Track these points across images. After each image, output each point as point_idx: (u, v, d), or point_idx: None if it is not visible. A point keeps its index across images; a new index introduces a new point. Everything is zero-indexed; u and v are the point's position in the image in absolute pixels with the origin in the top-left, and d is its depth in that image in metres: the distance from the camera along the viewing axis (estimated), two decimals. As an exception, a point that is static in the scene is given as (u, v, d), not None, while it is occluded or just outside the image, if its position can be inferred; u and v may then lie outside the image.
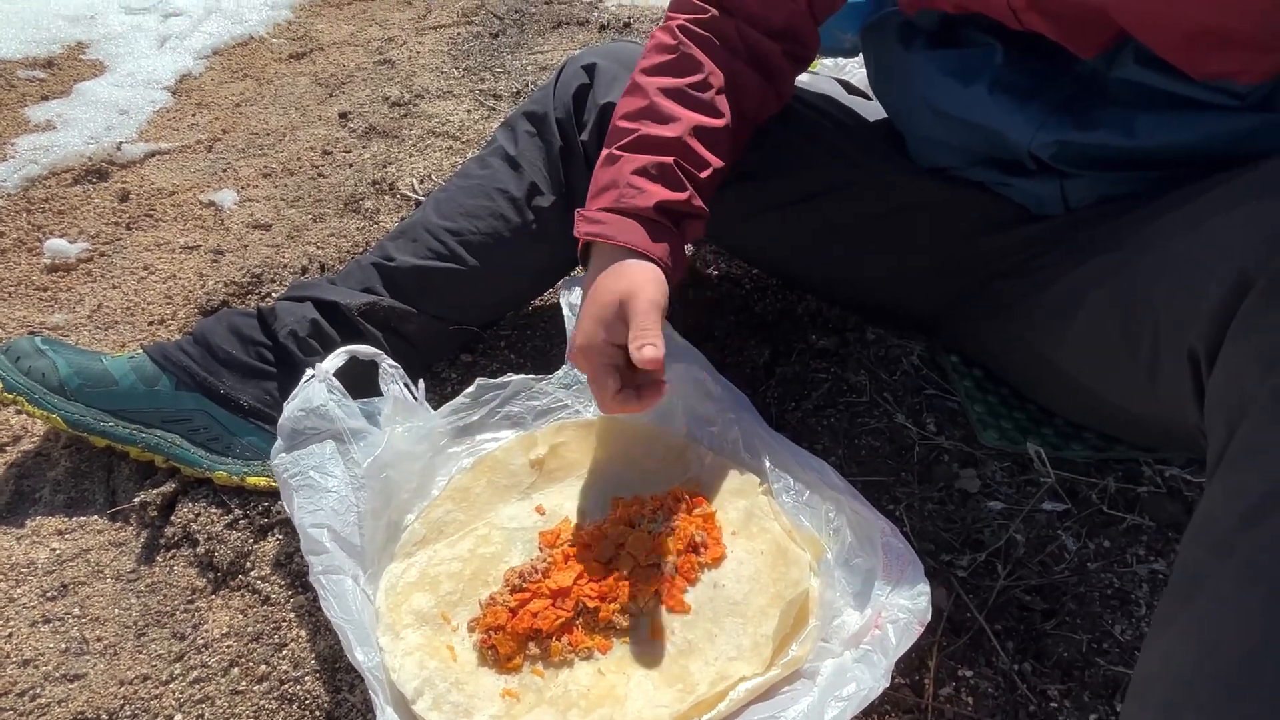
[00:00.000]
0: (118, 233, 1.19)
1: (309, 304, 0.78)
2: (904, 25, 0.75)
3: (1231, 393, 0.40)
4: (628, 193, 0.66)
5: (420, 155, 1.39)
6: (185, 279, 1.09)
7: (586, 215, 0.67)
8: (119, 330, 0.99)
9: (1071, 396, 0.72)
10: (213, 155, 1.42)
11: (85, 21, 1.91)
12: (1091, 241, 0.63)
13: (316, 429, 0.68)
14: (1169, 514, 0.73)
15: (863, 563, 0.62)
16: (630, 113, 0.70)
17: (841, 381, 0.88)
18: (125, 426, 0.75)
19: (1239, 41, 0.54)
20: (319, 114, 1.57)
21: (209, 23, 1.98)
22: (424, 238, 0.82)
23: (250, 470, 0.75)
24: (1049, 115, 0.65)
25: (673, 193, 0.67)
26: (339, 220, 1.21)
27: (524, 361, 0.91)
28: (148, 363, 0.76)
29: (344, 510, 0.65)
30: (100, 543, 0.74)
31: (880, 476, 0.78)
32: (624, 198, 0.66)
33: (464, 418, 0.75)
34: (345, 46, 1.92)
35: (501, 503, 0.71)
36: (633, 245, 0.65)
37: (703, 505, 0.69)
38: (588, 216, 0.67)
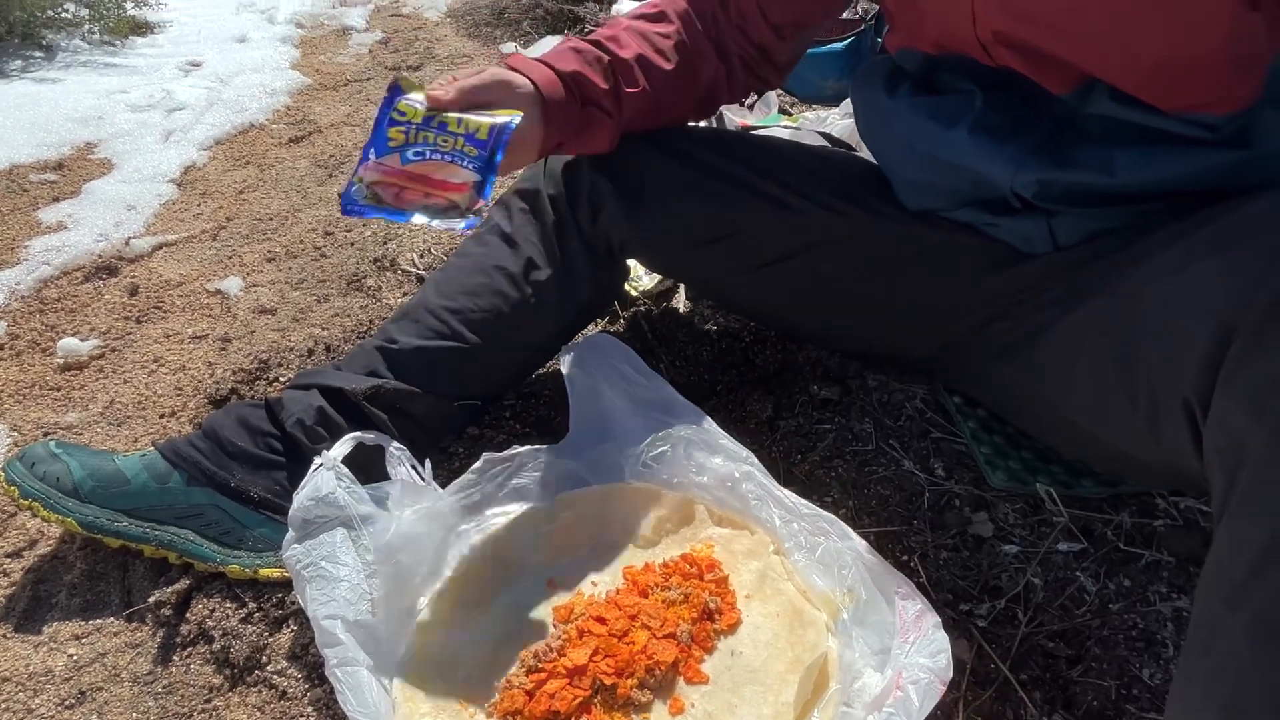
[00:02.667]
0: (128, 327, 1.22)
1: (314, 391, 0.80)
2: (889, 74, 0.77)
3: (1226, 442, 0.40)
4: (557, 57, 0.75)
5: (419, 231, 1.42)
6: (194, 369, 1.11)
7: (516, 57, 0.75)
8: (131, 425, 1.01)
9: (1076, 440, 0.72)
10: (218, 243, 1.46)
11: (93, 122, 1.98)
12: (1083, 285, 0.64)
13: (326, 517, 0.69)
14: (1188, 547, 0.72)
15: (880, 620, 0.61)
16: (592, 35, 0.79)
17: (846, 431, 0.88)
18: (139, 525, 0.75)
19: (1203, 72, 0.55)
20: (319, 195, 1.61)
21: (211, 114, 2.05)
22: (425, 318, 0.84)
23: (263, 562, 0.76)
24: (1028, 155, 0.66)
25: (595, 78, 0.74)
26: (342, 300, 1.24)
27: (529, 431, 0.92)
28: (159, 460, 0.77)
29: (356, 599, 0.65)
30: (117, 645, 0.74)
31: (892, 526, 0.77)
32: (554, 58, 0.74)
33: (471, 494, 0.76)
34: (343, 127, 1.98)
35: (513, 579, 0.71)
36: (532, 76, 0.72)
37: (715, 569, 0.69)
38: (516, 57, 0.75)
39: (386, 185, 0.67)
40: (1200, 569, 0.70)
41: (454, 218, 0.66)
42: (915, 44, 0.73)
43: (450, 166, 0.67)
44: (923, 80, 0.75)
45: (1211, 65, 0.55)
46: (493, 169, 0.67)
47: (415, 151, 0.67)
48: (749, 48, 0.82)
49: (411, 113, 0.68)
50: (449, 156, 0.67)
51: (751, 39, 0.82)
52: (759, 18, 0.80)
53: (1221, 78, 0.56)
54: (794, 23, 0.81)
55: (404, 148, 0.67)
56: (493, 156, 0.67)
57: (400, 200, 0.67)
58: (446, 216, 0.66)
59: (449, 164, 0.67)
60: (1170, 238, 0.55)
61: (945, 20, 0.66)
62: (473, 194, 0.66)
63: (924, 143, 0.73)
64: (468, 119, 0.68)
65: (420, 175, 0.66)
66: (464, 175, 0.66)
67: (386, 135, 0.67)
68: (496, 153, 0.67)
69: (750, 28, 0.81)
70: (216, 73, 2.35)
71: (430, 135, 0.67)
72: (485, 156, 0.67)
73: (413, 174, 0.66)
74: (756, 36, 0.82)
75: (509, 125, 0.68)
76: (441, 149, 0.67)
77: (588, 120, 0.76)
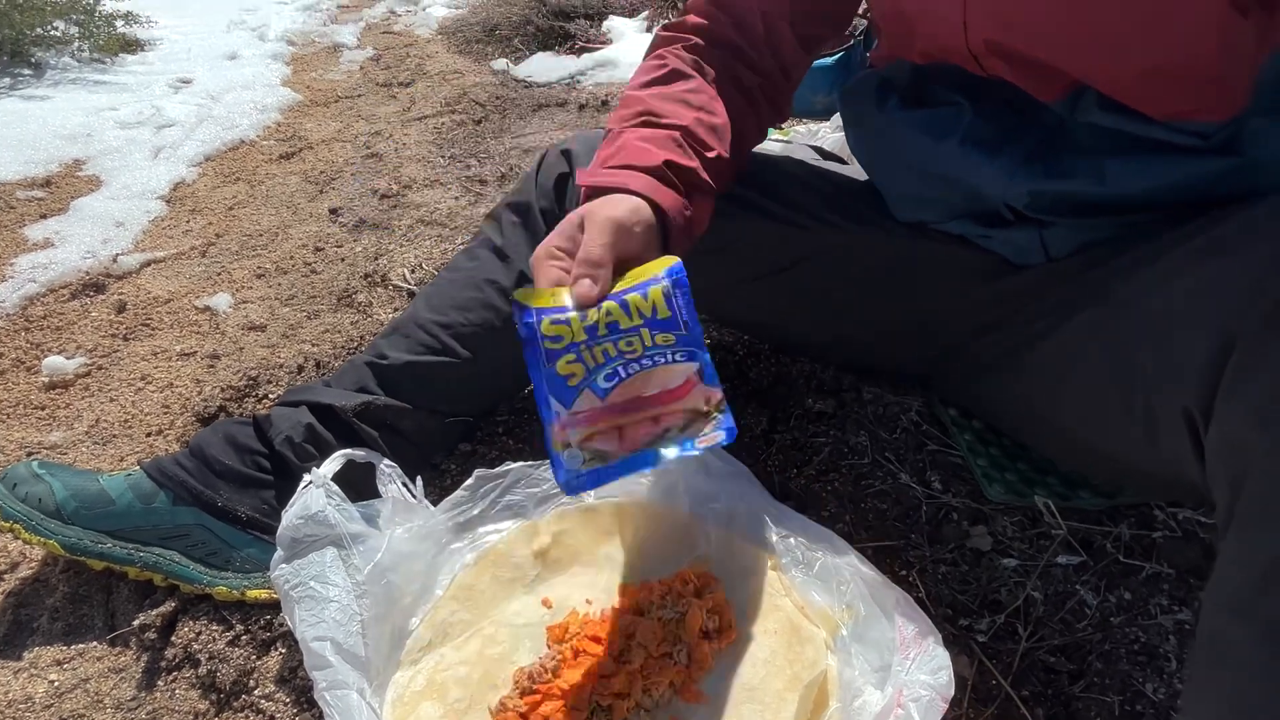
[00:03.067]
0: (115, 345, 1.20)
1: (303, 408, 0.78)
2: (878, 87, 0.77)
3: (1230, 452, 0.39)
4: (634, 153, 0.62)
5: (410, 245, 1.41)
6: (182, 387, 1.09)
7: (590, 170, 0.63)
8: (117, 444, 0.99)
9: (1074, 451, 0.71)
10: (207, 260, 1.45)
11: (82, 139, 1.97)
12: (1076, 296, 0.64)
13: (316, 536, 0.68)
14: (1187, 559, 0.72)
15: (879, 636, 0.61)
16: (626, 115, 0.68)
17: (842, 444, 0.87)
18: (123, 546, 0.74)
19: (1193, 79, 0.55)
20: (310, 211, 1.61)
21: (201, 130, 2.04)
22: (416, 333, 0.83)
23: (251, 583, 0.74)
24: (1019, 165, 0.66)
25: (683, 158, 0.63)
26: (333, 316, 1.23)
27: (523, 447, 0.91)
28: (144, 479, 0.76)
29: (346, 620, 0.64)
30: (100, 670, 0.72)
31: (890, 541, 0.76)
32: (630, 157, 0.61)
33: (464, 511, 0.75)
34: (333, 143, 1.98)
35: (507, 598, 0.70)
36: (634, 189, 0.58)
37: (712, 586, 0.67)
38: (591, 171, 0.63)
39: (602, 434, 0.51)
40: (1201, 581, 0.70)
41: (704, 429, 0.51)
42: (903, 55, 0.73)
43: (656, 371, 0.52)
44: (911, 93, 0.75)
45: (1201, 72, 0.56)
46: (701, 343, 0.52)
47: (606, 376, 0.51)
48: (774, 72, 0.77)
49: (567, 332, 0.52)
50: (648, 361, 0.51)
51: (782, 59, 0.77)
52: (789, 33, 0.76)
53: (1211, 85, 0.56)
54: (817, 35, 0.78)
55: (589, 380, 0.51)
56: (690, 329, 0.52)
57: (629, 443, 0.52)
58: (691, 433, 0.51)
59: (654, 369, 0.52)
60: (1164, 246, 0.55)
61: (936, 31, 0.66)
62: (704, 386, 0.52)
63: (915, 156, 0.73)
64: (633, 300, 0.53)
65: (631, 400, 0.51)
66: (679, 371, 0.51)
67: (559, 375, 0.52)
68: (691, 321, 0.52)
69: (782, 47, 0.76)
70: (207, 89, 2.35)
71: (609, 347, 0.52)
72: (684, 335, 0.52)
73: (621, 404, 0.51)
74: (787, 56, 0.77)
75: (679, 278, 0.53)
76: (632, 356, 0.51)
77: (695, 209, 0.65)
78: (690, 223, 0.63)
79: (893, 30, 0.74)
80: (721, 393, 0.52)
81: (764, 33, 0.75)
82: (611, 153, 0.64)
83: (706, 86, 0.72)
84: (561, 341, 0.52)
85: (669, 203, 0.60)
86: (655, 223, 0.59)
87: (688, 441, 0.51)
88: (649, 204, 0.59)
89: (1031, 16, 0.58)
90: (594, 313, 0.52)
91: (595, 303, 0.52)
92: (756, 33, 0.75)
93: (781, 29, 0.75)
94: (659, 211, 0.60)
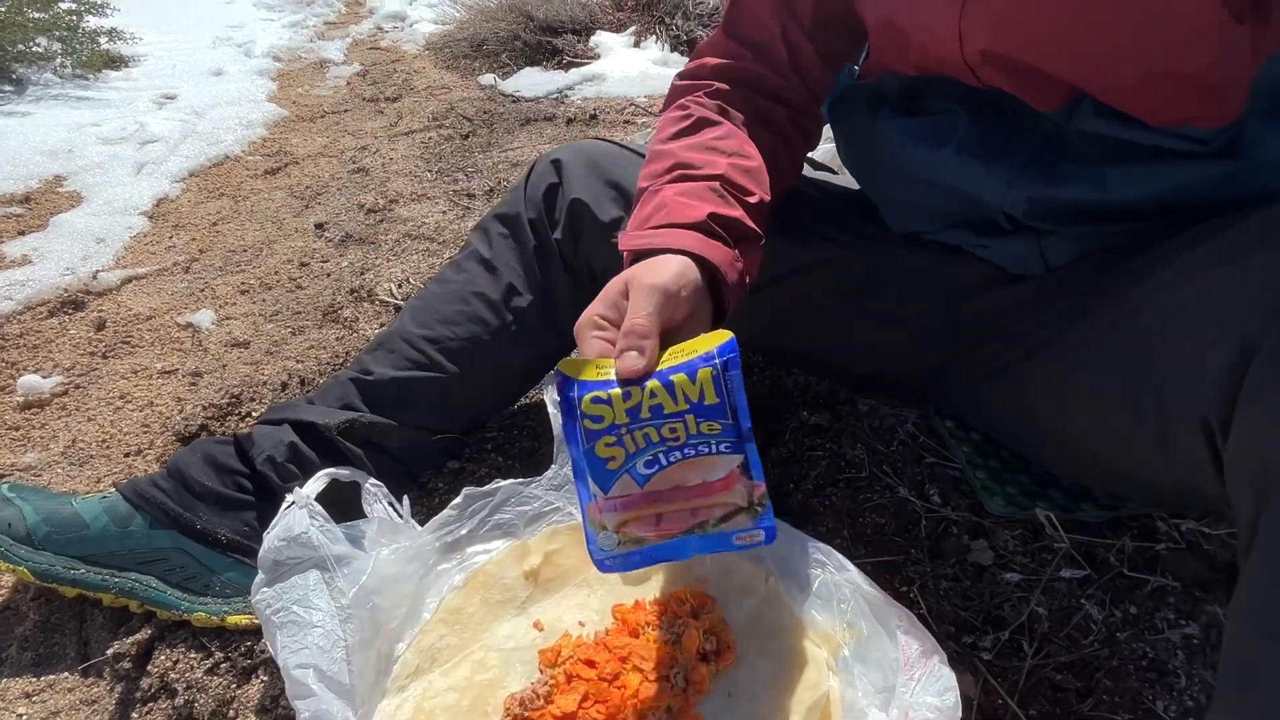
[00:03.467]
0: (94, 363, 1.17)
1: (286, 427, 0.76)
2: (870, 96, 0.76)
3: (1254, 461, 0.38)
4: (676, 210, 0.59)
5: (397, 259, 1.39)
6: (163, 405, 1.07)
7: (631, 233, 0.60)
8: (94, 465, 0.96)
9: (1077, 461, 0.70)
10: (190, 276, 1.42)
11: (63, 155, 1.94)
12: (1079, 304, 0.63)
13: (299, 558, 0.65)
14: (1192, 571, 0.71)
15: (882, 656, 0.59)
16: (657, 170, 0.66)
17: (839, 457, 0.86)
18: (97, 572, 0.71)
19: (1190, 85, 0.55)
20: (295, 226, 1.59)
21: (185, 146, 2.02)
22: (402, 348, 0.81)
23: (231, 608, 0.71)
24: (1017, 173, 0.65)
25: (725, 209, 0.60)
26: (318, 332, 1.20)
27: (512, 464, 0.89)
28: (120, 502, 0.73)
29: (330, 646, 0.61)
30: (71, 702, 0.69)
31: (889, 556, 0.75)
32: (671, 215, 0.59)
33: (452, 531, 0.72)
34: (320, 158, 1.96)
35: (497, 621, 0.67)
36: (680, 247, 0.56)
37: (709, 606, 0.65)
38: (633, 234, 0.60)
39: (638, 521, 0.50)
40: (1206, 594, 0.69)
41: (740, 525, 0.49)
42: (896, 68, 0.73)
43: (699, 461, 0.49)
44: (904, 103, 0.75)
45: (1198, 78, 0.55)
46: (749, 434, 0.49)
47: (646, 463, 0.49)
48: (802, 97, 0.76)
49: (609, 413, 0.49)
50: (690, 450, 0.49)
51: (809, 81, 0.76)
52: (812, 50, 0.74)
53: (1208, 90, 0.56)
54: (838, 52, 0.77)
55: (629, 465, 0.49)
56: (737, 417, 0.49)
57: (665, 531, 0.50)
58: (730, 526, 0.49)
59: (696, 459, 0.49)
60: (1173, 252, 0.54)
61: (931, 44, 0.65)
62: (748, 481, 0.49)
63: (910, 165, 0.72)
64: (679, 380, 0.49)
65: (671, 490, 0.49)
66: (722, 465, 0.49)
67: (598, 457, 0.49)
68: (740, 409, 0.49)
69: (807, 67, 0.75)
70: (191, 105, 2.33)
71: (650, 432, 0.49)
72: (730, 425, 0.49)
73: (660, 492, 0.49)
74: (813, 77, 0.75)
75: (731, 358, 0.49)
76: (675, 444, 0.49)
77: (745, 260, 0.62)
78: (742, 275, 0.60)
79: (885, 44, 0.73)
80: (764, 488, 0.50)
81: (788, 57, 0.74)
82: (650, 212, 0.61)
83: (736, 131, 0.70)
84: (602, 422, 0.49)
85: (719, 257, 0.57)
86: (702, 283, 0.56)
87: (725, 536, 0.49)
88: (696, 261, 0.56)
89: (1028, 26, 0.58)
90: (637, 393, 0.49)
91: (641, 376, 0.49)
92: (780, 58, 0.74)
93: (804, 48, 0.74)
94: (709, 267, 0.57)
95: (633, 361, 0.49)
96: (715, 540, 0.50)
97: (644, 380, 0.49)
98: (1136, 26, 0.54)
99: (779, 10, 0.74)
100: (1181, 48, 0.53)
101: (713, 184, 0.62)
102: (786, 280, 0.81)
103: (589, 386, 0.50)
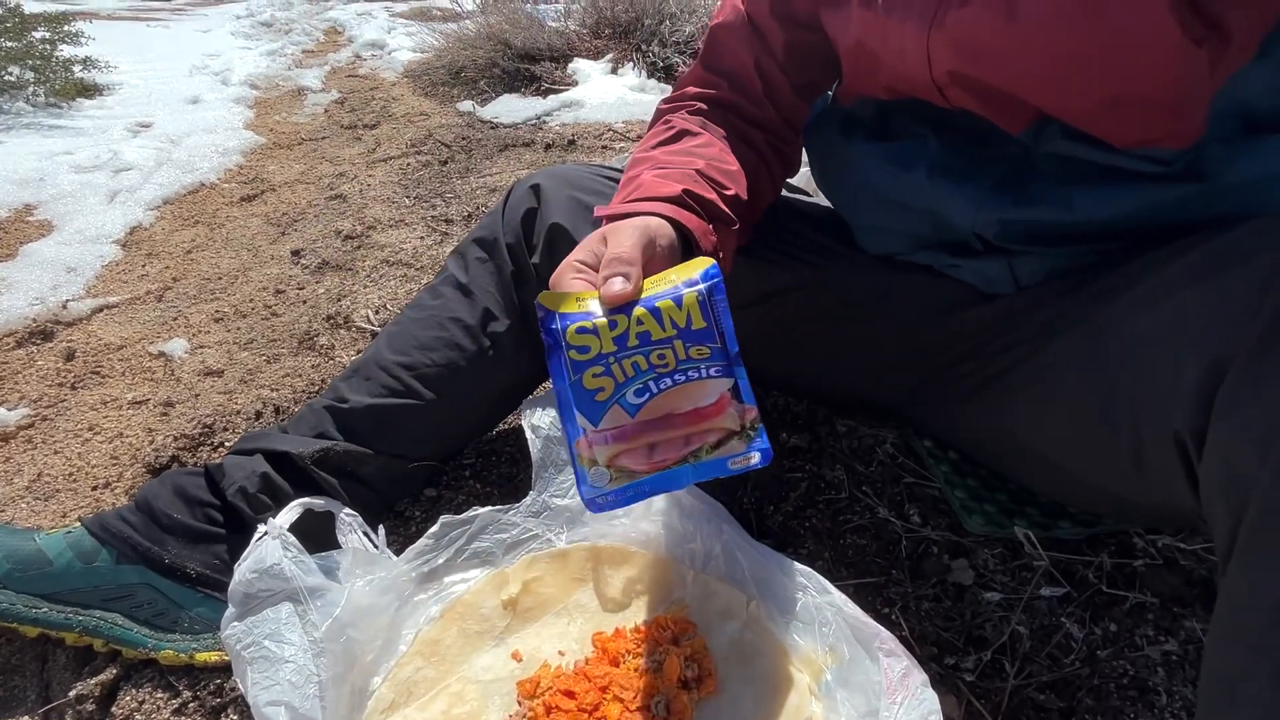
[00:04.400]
0: (62, 394, 1.15)
1: (258, 456, 0.75)
2: (843, 120, 0.78)
3: (1228, 477, 0.38)
4: (652, 188, 0.60)
5: (375, 285, 1.38)
6: (133, 436, 1.04)
7: (606, 207, 0.61)
8: (60, 499, 0.94)
9: (1053, 479, 0.70)
10: (163, 304, 1.41)
11: (34, 184, 1.92)
12: (1051, 323, 0.63)
13: (271, 590, 0.64)
14: (1169, 586, 0.71)
15: (865, 679, 0.58)
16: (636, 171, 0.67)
17: (818, 479, 0.85)
18: (60, 611, 0.69)
19: (1151, 107, 0.56)
20: (271, 253, 1.57)
21: (160, 174, 2.01)
22: (378, 375, 0.80)
23: (200, 645, 0.69)
24: (987, 195, 0.66)
25: (701, 190, 0.62)
26: (293, 360, 1.19)
27: (491, 490, 0.88)
28: (85, 537, 0.71)
29: (302, 682, 0.60)
30: (32, 747, 0.67)
31: (871, 577, 0.74)
32: (648, 190, 0.60)
33: (429, 560, 0.71)
34: (296, 185, 1.96)
35: (475, 652, 0.66)
36: (655, 212, 0.56)
37: (690, 632, 0.65)
38: (607, 207, 0.61)
39: (629, 453, 0.48)
40: (1184, 609, 0.69)
41: (734, 450, 0.48)
42: (869, 92, 0.74)
43: (689, 387, 0.48)
44: (877, 126, 0.76)
45: (1159, 101, 0.56)
46: (737, 357, 0.49)
47: (636, 391, 0.48)
48: (778, 124, 0.78)
49: (595, 343, 0.48)
50: (680, 376, 0.48)
51: (783, 111, 0.78)
52: (785, 82, 0.76)
53: (1169, 113, 0.57)
54: (812, 82, 0.79)
55: (618, 395, 0.48)
56: (725, 340, 0.49)
57: (656, 462, 0.49)
58: (724, 452, 0.48)
59: (686, 384, 0.48)
60: (1144, 270, 0.55)
61: (901, 64, 0.66)
62: (739, 404, 0.49)
63: (883, 187, 0.73)
64: (666, 307, 0.49)
65: (662, 419, 0.48)
66: (713, 388, 0.48)
67: (586, 389, 0.48)
68: (726, 334, 0.49)
69: (781, 98, 0.77)
70: (167, 133, 2.32)
71: (639, 360, 0.48)
72: (719, 348, 0.49)
73: (651, 421, 0.48)
74: (787, 107, 0.77)
75: (716, 282, 0.50)
76: (664, 370, 0.48)
77: (720, 236, 0.63)
78: (715, 249, 0.61)
79: (857, 67, 0.74)
80: (757, 410, 0.49)
81: (761, 87, 0.76)
82: (629, 191, 0.63)
83: (716, 141, 0.72)
84: (589, 353, 0.48)
85: (693, 224, 0.58)
86: (679, 245, 0.57)
87: (721, 461, 0.48)
88: (674, 226, 0.57)
89: (991, 48, 0.59)
90: (624, 320, 0.48)
91: (627, 302, 0.49)
92: (754, 89, 0.76)
93: (778, 79, 0.76)
94: (684, 232, 0.58)
95: (619, 287, 0.48)
96: (710, 467, 0.48)
97: (630, 308, 0.49)
98: (1096, 50, 0.55)
99: (751, 43, 0.76)
100: (1141, 71, 0.55)
101: (689, 172, 0.64)
102: (762, 303, 0.82)
103: (572, 318, 0.49)
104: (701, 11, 2.85)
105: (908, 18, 0.62)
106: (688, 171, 0.64)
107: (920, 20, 0.62)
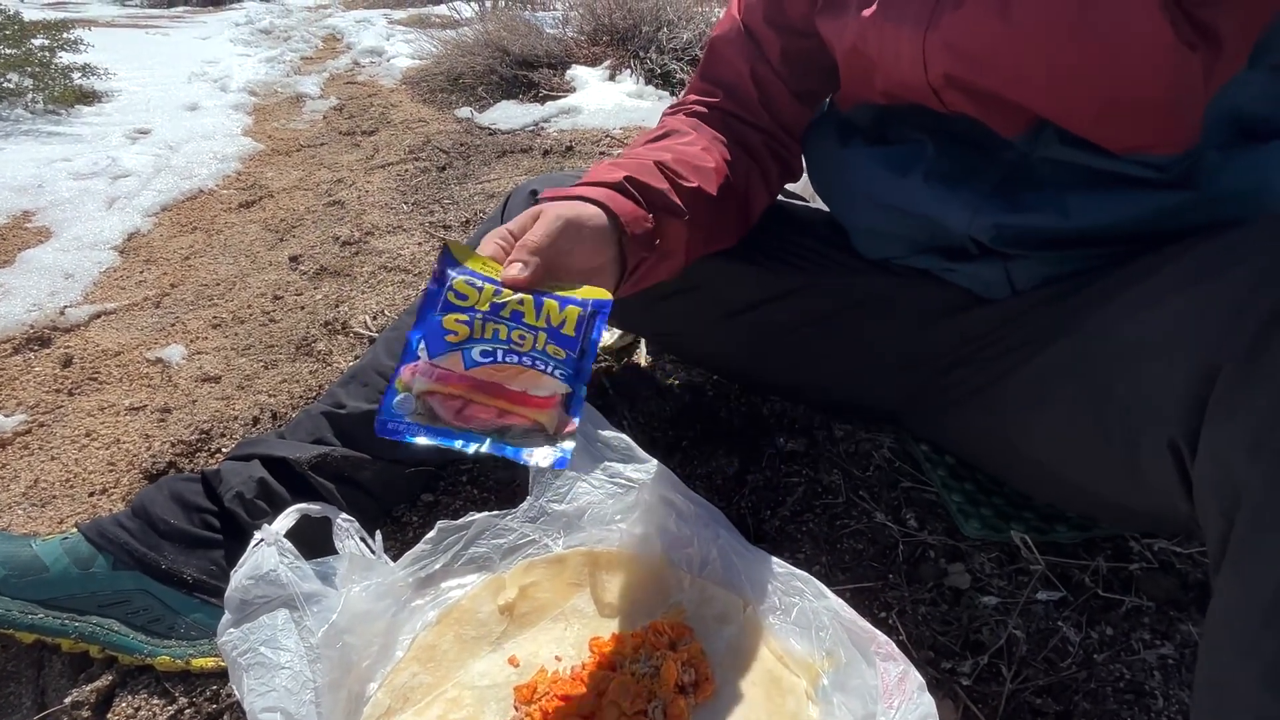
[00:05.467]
0: (59, 400, 1.15)
1: (256, 462, 0.75)
2: (841, 125, 0.78)
3: (1221, 480, 0.38)
4: (598, 174, 0.64)
5: (372, 292, 1.39)
6: (130, 442, 1.04)
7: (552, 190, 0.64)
8: (56, 506, 0.94)
9: (1048, 484, 0.70)
10: (160, 311, 1.41)
11: (32, 191, 1.92)
12: (1048, 328, 0.64)
13: (267, 597, 0.64)
14: (1165, 590, 0.71)
15: (862, 684, 0.58)
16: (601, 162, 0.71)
17: (815, 483, 0.86)
18: (56, 617, 0.69)
19: (1147, 113, 0.56)
20: (269, 259, 1.58)
21: (158, 180, 2.01)
22: (375, 380, 0.80)
23: (196, 651, 0.69)
24: (983, 200, 0.67)
25: (648, 179, 0.64)
26: (291, 365, 1.19)
27: (488, 496, 0.88)
28: (82, 543, 0.71)
29: (298, 688, 0.60)
30: (27, 754, 0.66)
31: (867, 582, 0.74)
32: (593, 177, 0.63)
33: (426, 566, 0.71)
34: (295, 191, 1.96)
35: (471, 658, 0.66)
36: (589, 197, 0.60)
37: (686, 637, 0.65)
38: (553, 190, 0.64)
39: (445, 398, 0.49)
40: (1180, 613, 0.69)
41: (538, 445, 0.49)
42: (866, 97, 0.74)
43: (530, 373, 0.50)
44: (874, 131, 0.76)
45: (1154, 107, 0.57)
46: (585, 378, 0.51)
47: (483, 351, 0.50)
48: (776, 130, 0.79)
49: (474, 296, 0.51)
50: (528, 359, 0.50)
51: (781, 118, 0.79)
52: (784, 90, 0.77)
53: (1165, 118, 0.57)
54: (811, 89, 0.80)
55: (467, 344, 0.50)
56: (583, 359, 0.52)
57: (463, 418, 0.49)
58: (527, 443, 0.49)
59: (528, 370, 0.50)
60: (1136, 275, 0.55)
61: (897, 67, 0.67)
62: (560, 412, 0.50)
63: (879, 192, 0.73)
64: (549, 304, 0.52)
65: (491, 384, 0.50)
66: (549, 385, 0.50)
67: (442, 325, 0.51)
68: (587, 354, 0.52)
69: (780, 105, 0.78)
70: (165, 140, 2.32)
71: (502, 329, 0.51)
72: (574, 359, 0.51)
73: (481, 382, 0.50)
74: (785, 114, 0.79)
75: (603, 311, 0.53)
76: (518, 349, 0.50)
77: (660, 228, 0.64)
78: (652, 235, 0.64)
79: (853, 72, 0.75)
80: (576, 428, 0.50)
81: (758, 95, 0.77)
82: (584, 176, 0.66)
83: (704, 140, 0.74)
84: (465, 301, 0.52)
85: (624, 210, 0.61)
86: (610, 230, 0.60)
87: (519, 449, 0.49)
88: (606, 213, 0.60)
89: (986, 50, 0.59)
90: (509, 294, 0.52)
91: (519, 287, 0.52)
92: (750, 97, 0.78)
93: (775, 87, 0.77)
94: (615, 219, 0.60)
95: (515, 271, 0.53)
96: (508, 450, 0.49)
97: (520, 291, 0.53)
98: (1090, 55, 0.55)
99: (747, 52, 0.77)
100: (1134, 76, 0.55)
101: (646, 163, 0.66)
102: (759, 308, 0.82)
103: (467, 272, 0.53)
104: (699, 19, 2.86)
105: (903, 21, 0.63)
106: (645, 162, 0.66)
107: (915, 23, 0.62)
